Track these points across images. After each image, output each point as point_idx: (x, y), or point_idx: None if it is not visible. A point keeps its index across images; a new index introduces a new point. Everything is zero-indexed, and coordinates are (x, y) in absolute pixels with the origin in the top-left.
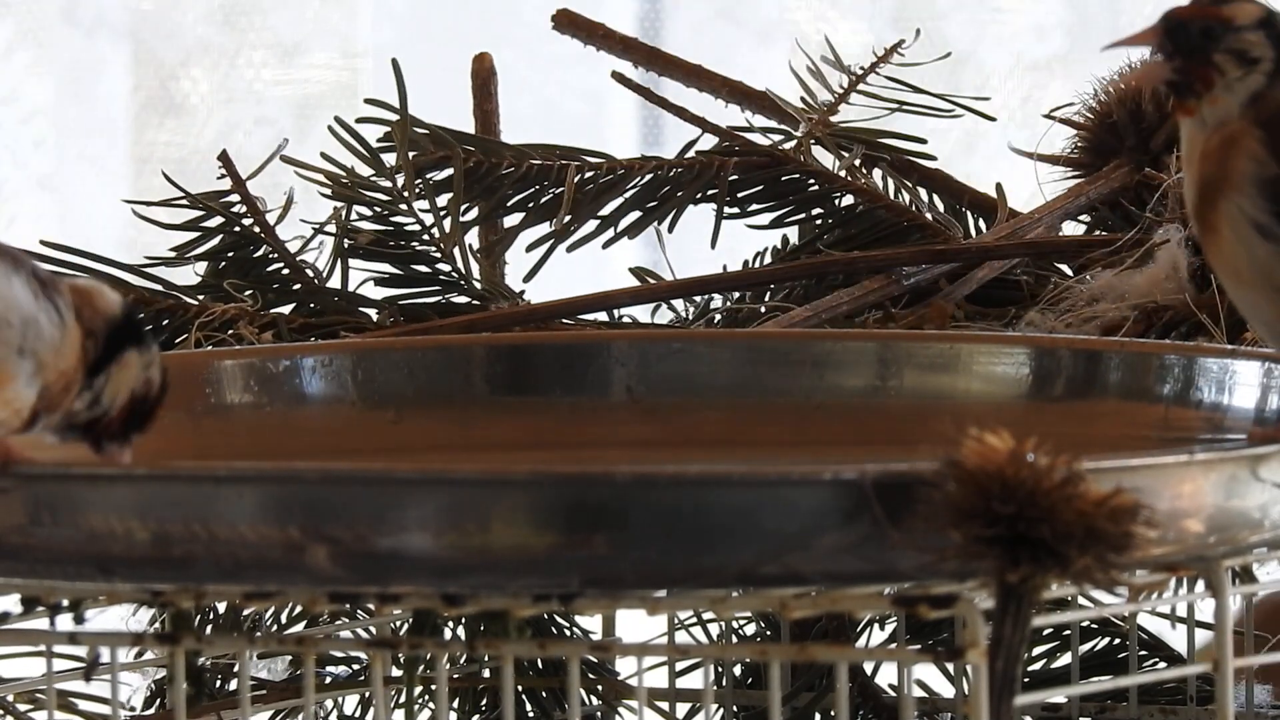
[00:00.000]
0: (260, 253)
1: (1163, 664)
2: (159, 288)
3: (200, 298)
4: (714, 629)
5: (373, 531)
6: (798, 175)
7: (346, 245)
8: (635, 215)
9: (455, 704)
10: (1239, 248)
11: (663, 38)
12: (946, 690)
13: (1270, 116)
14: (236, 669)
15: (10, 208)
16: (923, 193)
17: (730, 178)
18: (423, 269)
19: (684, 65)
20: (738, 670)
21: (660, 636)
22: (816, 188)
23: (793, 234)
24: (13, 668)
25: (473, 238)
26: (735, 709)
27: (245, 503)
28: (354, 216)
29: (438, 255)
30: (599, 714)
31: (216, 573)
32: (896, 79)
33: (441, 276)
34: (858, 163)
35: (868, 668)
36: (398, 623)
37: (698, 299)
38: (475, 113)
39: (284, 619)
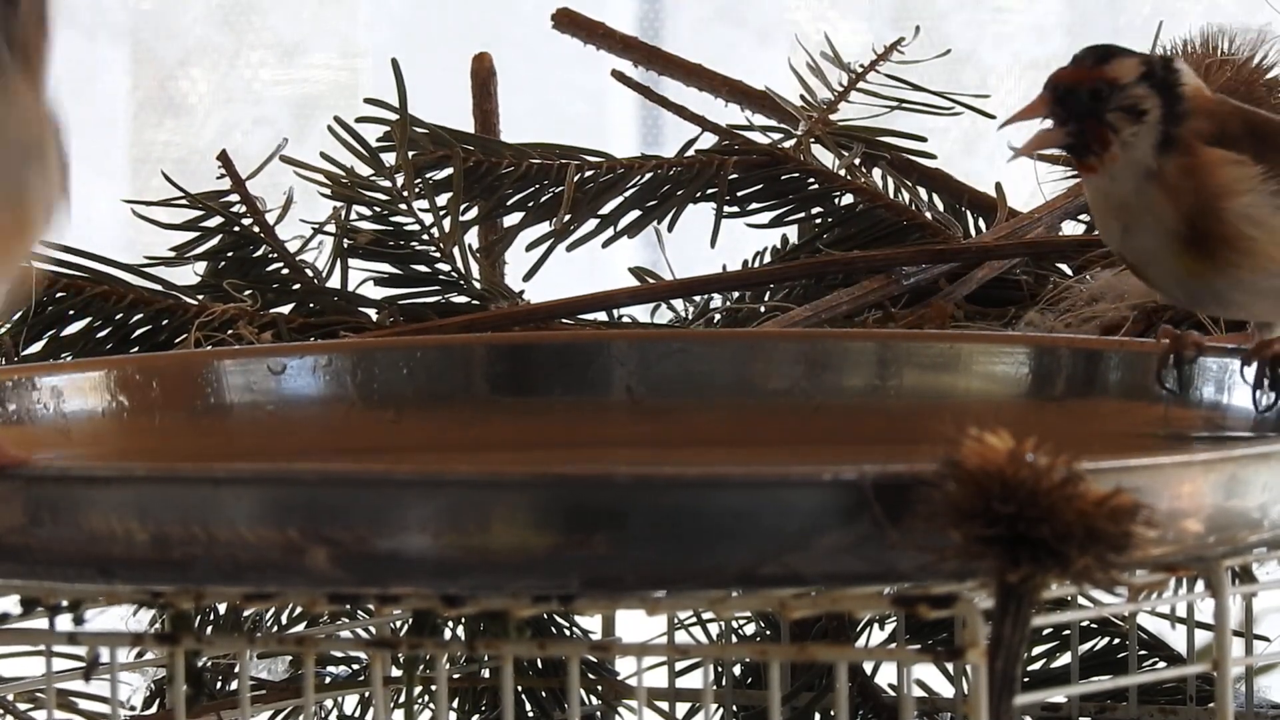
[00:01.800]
0: (260, 253)
1: (1163, 664)
2: (159, 288)
3: (200, 298)
4: (714, 629)
5: (372, 533)
6: (797, 174)
7: (346, 245)
8: (635, 214)
9: (455, 704)
10: (1273, 230)
11: (663, 37)
12: (946, 690)
13: (1215, 137)
14: (236, 669)
15: None
16: (922, 192)
17: (730, 177)
18: (422, 269)
19: (684, 64)
20: (738, 670)
21: (660, 636)
22: (816, 186)
23: (792, 233)
24: (13, 668)
25: (472, 237)
26: (735, 709)
27: (245, 504)
28: (354, 216)
29: (437, 255)
30: (599, 714)
31: (216, 574)
32: (896, 77)
33: (441, 276)
34: (857, 161)
35: (868, 668)
36: (397, 623)
37: (697, 299)
38: (475, 112)
39: (284, 619)
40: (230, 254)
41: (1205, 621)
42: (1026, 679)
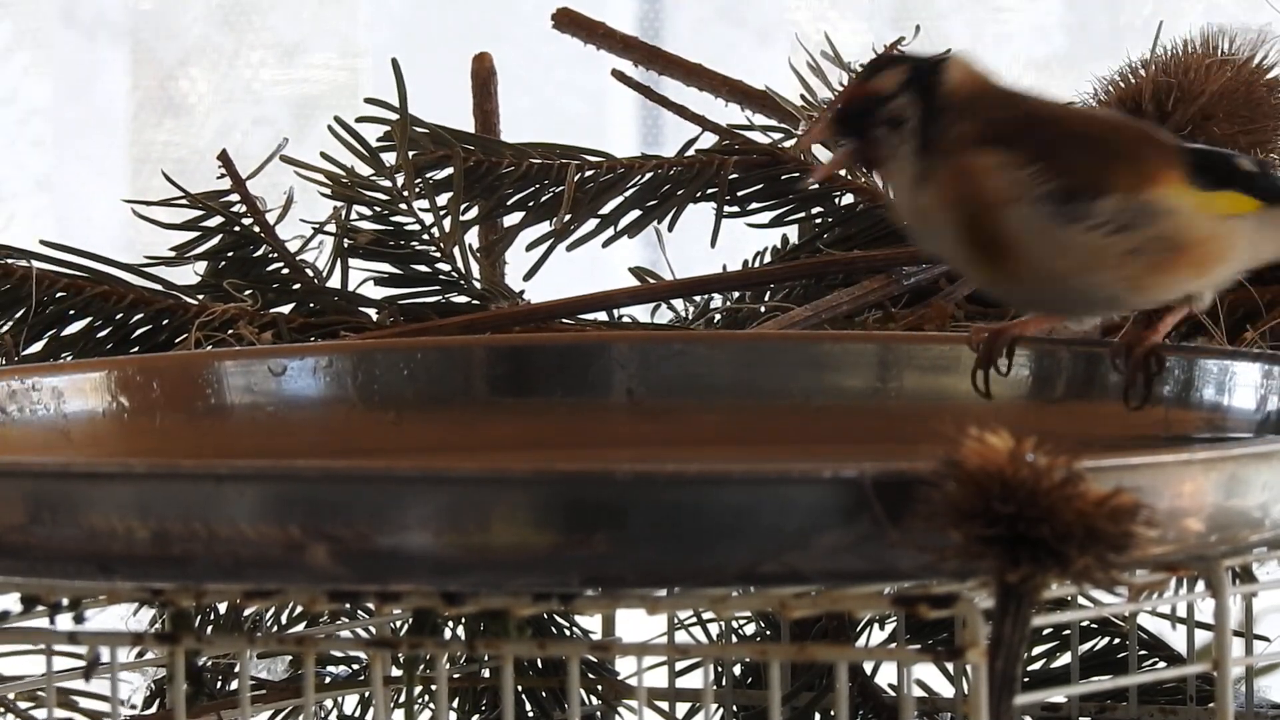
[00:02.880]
0: (260, 253)
1: (1163, 664)
2: (159, 288)
3: (200, 298)
4: (714, 629)
5: (373, 530)
6: (798, 174)
7: (346, 245)
8: (635, 214)
9: (455, 704)
10: (1050, 242)
11: (663, 37)
12: (946, 690)
13: (985, 135)
14: (236, 669)
15: (8, 208)
16: None
17: (730, 176)
18: (423, 269)
19: (684, 64)
20: (738, 670)
21: (660, 636)
22: (816, 186)
23: (792, 233)
24: (12, 667)
25: (473, 237)
26: (735, 709)
27: (246, 501)
28: (354, 216)
29: (438, 255)
30: (599, 714)
31: (217, 571)
32: None
33: (441, 276)
34: None
35: (868, 668)
36: (398, 623)
37: (697, 299)
38: (475, 112)
39: (284, 619)
40: (230, 254)
41: (1205, 621)
42: (1026, 679)
